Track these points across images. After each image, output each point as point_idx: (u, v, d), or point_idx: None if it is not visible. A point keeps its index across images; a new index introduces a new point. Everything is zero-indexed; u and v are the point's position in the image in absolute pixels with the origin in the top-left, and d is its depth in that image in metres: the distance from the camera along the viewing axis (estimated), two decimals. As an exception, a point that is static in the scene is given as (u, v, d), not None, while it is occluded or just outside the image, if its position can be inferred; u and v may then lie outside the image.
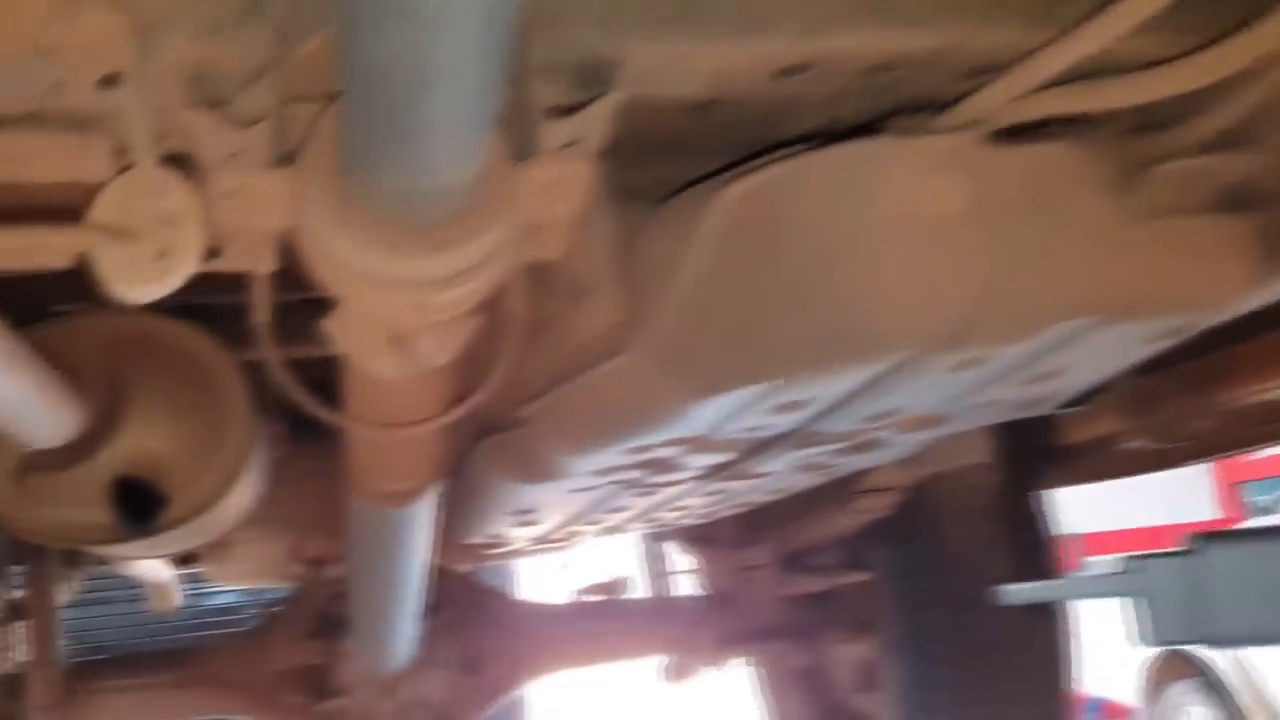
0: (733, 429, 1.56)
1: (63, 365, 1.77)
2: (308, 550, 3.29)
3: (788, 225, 1.32)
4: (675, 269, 1.37)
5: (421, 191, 1.10)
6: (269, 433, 2.44)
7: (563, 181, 1.31)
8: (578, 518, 2.39)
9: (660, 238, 1.43)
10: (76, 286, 1.23)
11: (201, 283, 1.23)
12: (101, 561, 3.87)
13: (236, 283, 1.39)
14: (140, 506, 2.13)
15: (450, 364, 1.44)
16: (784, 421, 1.55)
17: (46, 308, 2.05)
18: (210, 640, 3.47)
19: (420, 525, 1.99)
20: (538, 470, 1.82)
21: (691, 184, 1.46)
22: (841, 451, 1.86)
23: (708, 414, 1.46)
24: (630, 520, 2.56)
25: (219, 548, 3.45)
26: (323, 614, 3.00)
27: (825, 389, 1.41)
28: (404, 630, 2.45)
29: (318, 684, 2.98)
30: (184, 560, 4.31)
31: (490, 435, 1.98)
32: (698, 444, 1.63)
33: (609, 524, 2.58)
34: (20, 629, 2.97)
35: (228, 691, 3.04)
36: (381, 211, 1.13)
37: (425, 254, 1.16)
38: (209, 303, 2.15)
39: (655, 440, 1.59)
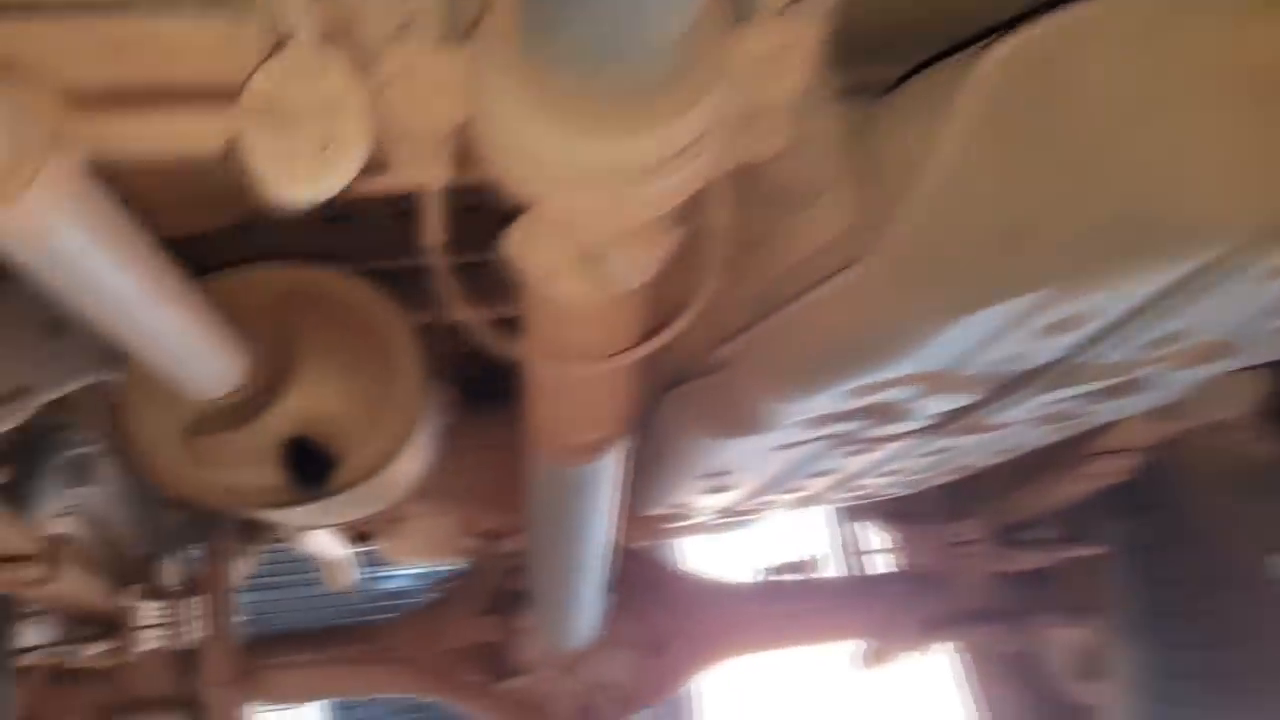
0: (984, 360, 1.30)
1: (233, 315, 1.64)
2: (481, 524, 3.16)
3: (1066, 92, 1.06)
4: (923, 159, 1.13)
5: (623, 56, 0.89)
6: (441, 398, 2.29)
7: (785, 52, 1.08)
8: (775, 483, 2.16)
9: (899, 126, 1.19)
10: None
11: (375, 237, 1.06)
12: (278, 538, 3.85)
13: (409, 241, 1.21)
14: (311, 469, 2.00)
15: (644, 289, 1.24)
16: (1049, 349, 1.29)
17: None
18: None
19: (607, 483, 1.80)
20: (739, 421, 1.60)
21: (921, 68, 1.21)
22: (1098, 395, 1.57)
23: (959, 338, 1.21)
24: (831, 489, 2.32)
25: (391, 523, 3.36)
26: (499, 589, 2.86)
27: (1110, 300, 1.15)
28: (588, 604, 2.27)
29: (495, 662, 2.84)
30: (357, 538, 4.27)
31: (681, 384, 1.76)
32: (938, 381, 1.38)
33: (806, 493, 2.34)
34: (196, 604, 2.92)
35: (403, 669, 2.93)
36: (576, 86, 0.92)
37: (627, 132, 0.95)
38: (383, 268, 2.01)
39: (888, 377, 1.35)
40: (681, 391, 1.73)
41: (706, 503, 2.34)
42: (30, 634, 2.81)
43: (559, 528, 1.94)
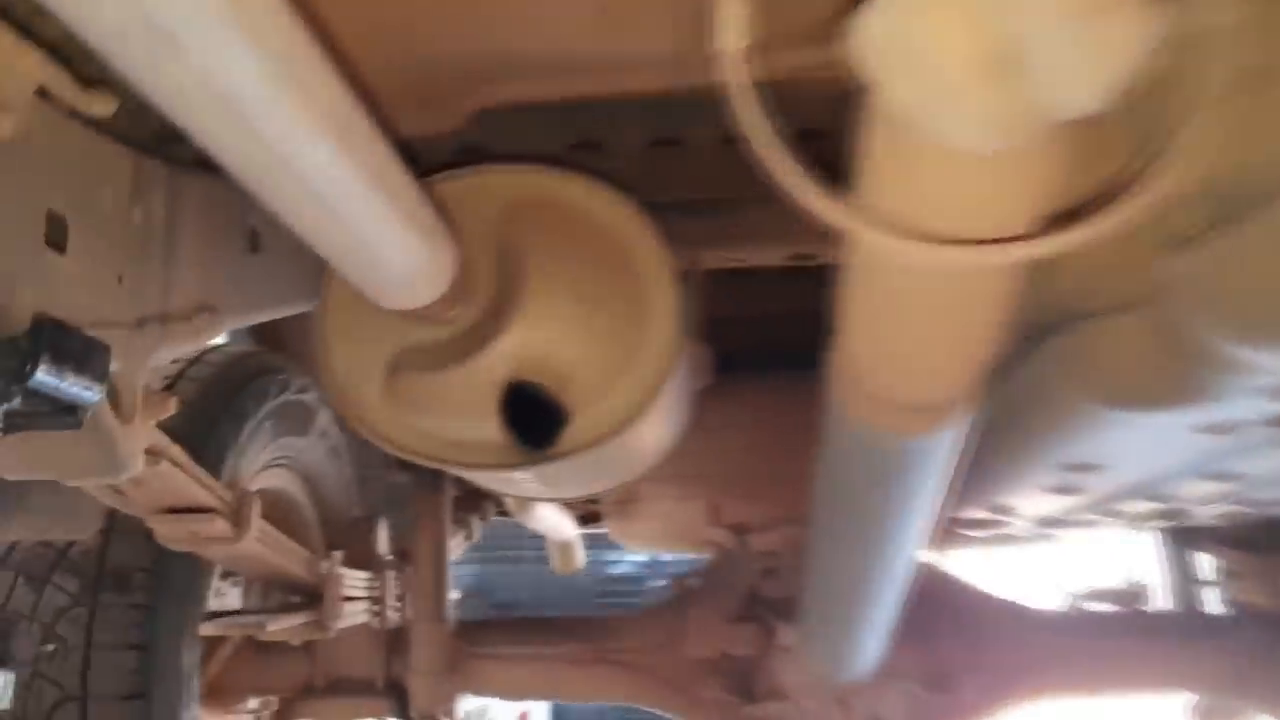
0: None
1: (453, 224, 1.33)
2: (730, 514, 2.69)
3: None
4: None
5: None
6: (695, 356, 1.83)
7: None
8: (1147, 487, 1.58)
9: None
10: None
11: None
12: (501, 510, 3.50)
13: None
14: (534, 423, 1.58)
15: (1073, 137, 0.74)
16: None
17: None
18: (611, 611, 2.96)
19: (936, 468, 1.28)
20: (1173, 383, 1.05)
21: None
22: None
23: None
24: (1207, 501, 1.71)
25: (623, 503, 2.94)
26: (752, 593, 2.38)
27: None
28: (875, 626, 1.76)
29: (744, 680, 2.36)
30: (586, 519, 3.89)
31: (1061, 329, 1.22)
32: None
33: (1170, 505, 1.75)
34: (408, 578, 2.58)
35: (633, 675, 2.49)
36: None
37: None
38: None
39: None
40: (1064, 341, 1.19)
41: (1039, 507, 1.78)
42: (227, 599, 2.54)
43: (859, 522, 1.43)
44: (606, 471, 1.84)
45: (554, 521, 3.71)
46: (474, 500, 3.31)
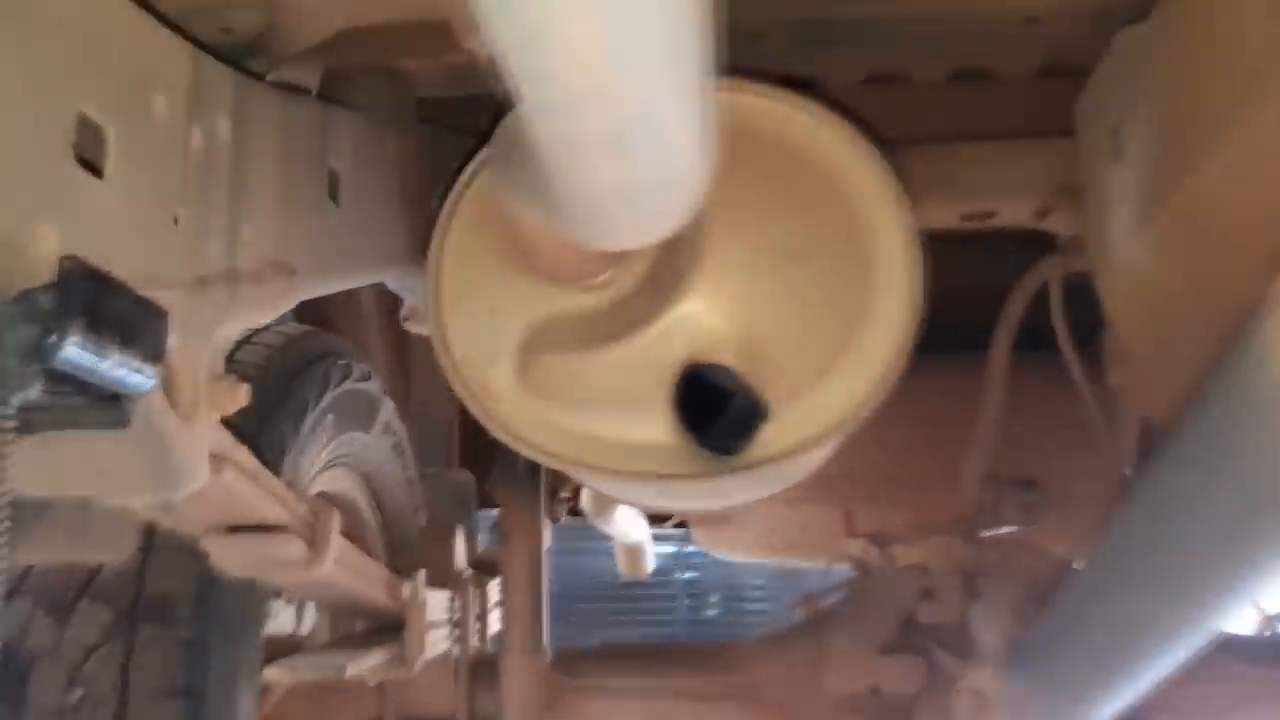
0: None
1: None
2: (863, 522, 2.31)
3: None
4: None
5: None
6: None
7: None
8: None
9: None
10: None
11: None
12: (574, 510, 3.12)
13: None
14: (720, 419, 1.20)
15: None
16: None
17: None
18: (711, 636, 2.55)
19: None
20: None
21: None
22: None
23: None
24: None
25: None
26: (908, 619, 2.00)
27: None
28: (1138, 688, 1.36)
29: (898, 723, 1.98)
30: (657, 518, 3.51)
31: None
32: None
33: None
34: (492, 596, 2.20)
35: (762, 712, 2.11)
36: None
37: None
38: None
39: None
40: None
41: None
42: (280, 619, 2.16)
43: (1200, 559, 1.04)
44: (784, 480, 1.46)
45: (628, 524, 3.33)
46: (546, 500, 2.93)
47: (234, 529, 1.37)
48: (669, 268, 1.16)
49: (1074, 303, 2.06)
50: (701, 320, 1.16)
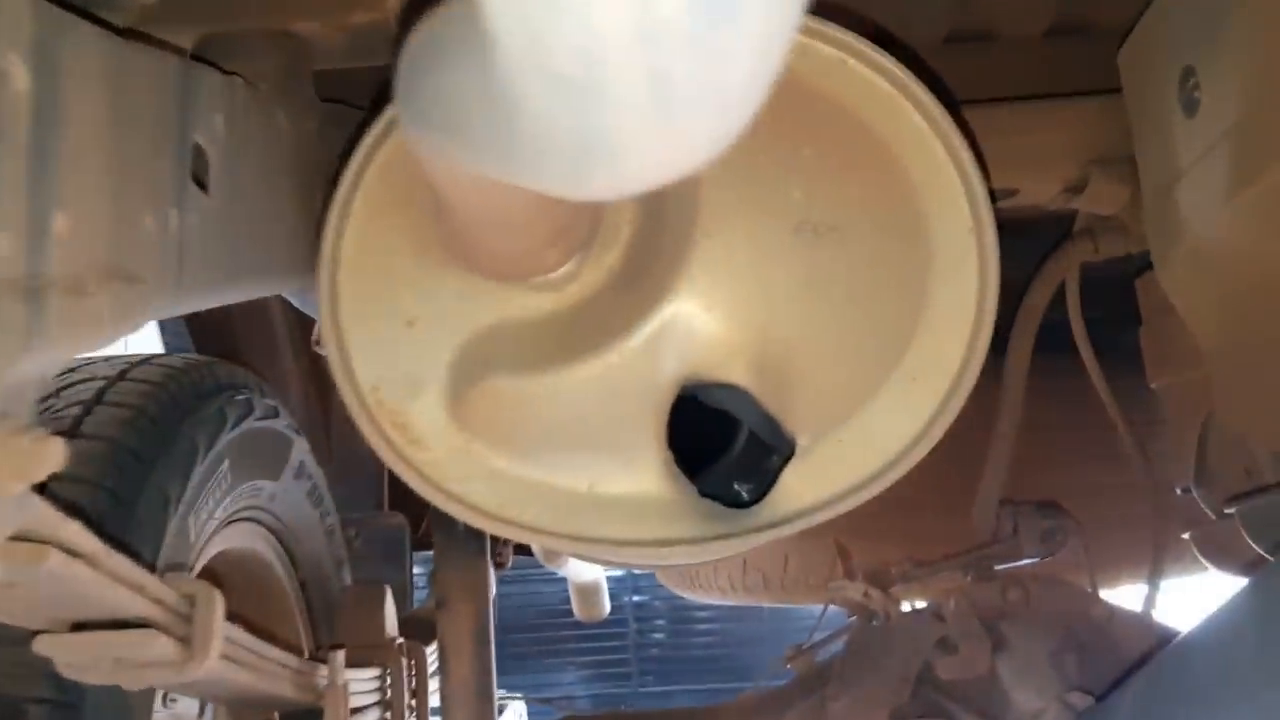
0: None
1: None
2: (857, 557, 2.02)
3: None
4: None
5: None
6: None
7: None
8: None
9: None
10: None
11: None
12: (522, 550, 2.78)
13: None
14: (722, 459, 0.89)
15: None
16: None
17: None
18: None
19: None
20: None
21: None
22: None
23: None
24: None
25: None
26: (923, 675, 1.70)
27: None
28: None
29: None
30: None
31: None
32: None
33: None
34: (424, 665, 1.86)
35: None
36: None
37: None
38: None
39: None
40: None
41: None
42: (178, 707, 1.80)
43: None
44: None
45: (583, 565, 3.01)
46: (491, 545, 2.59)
47: (79, 626, 1.04)
48: (653, 252, 0.85)
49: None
50: (699, 325, 0.85)
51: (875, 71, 0.87)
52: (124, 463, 1.48)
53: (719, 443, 0.87)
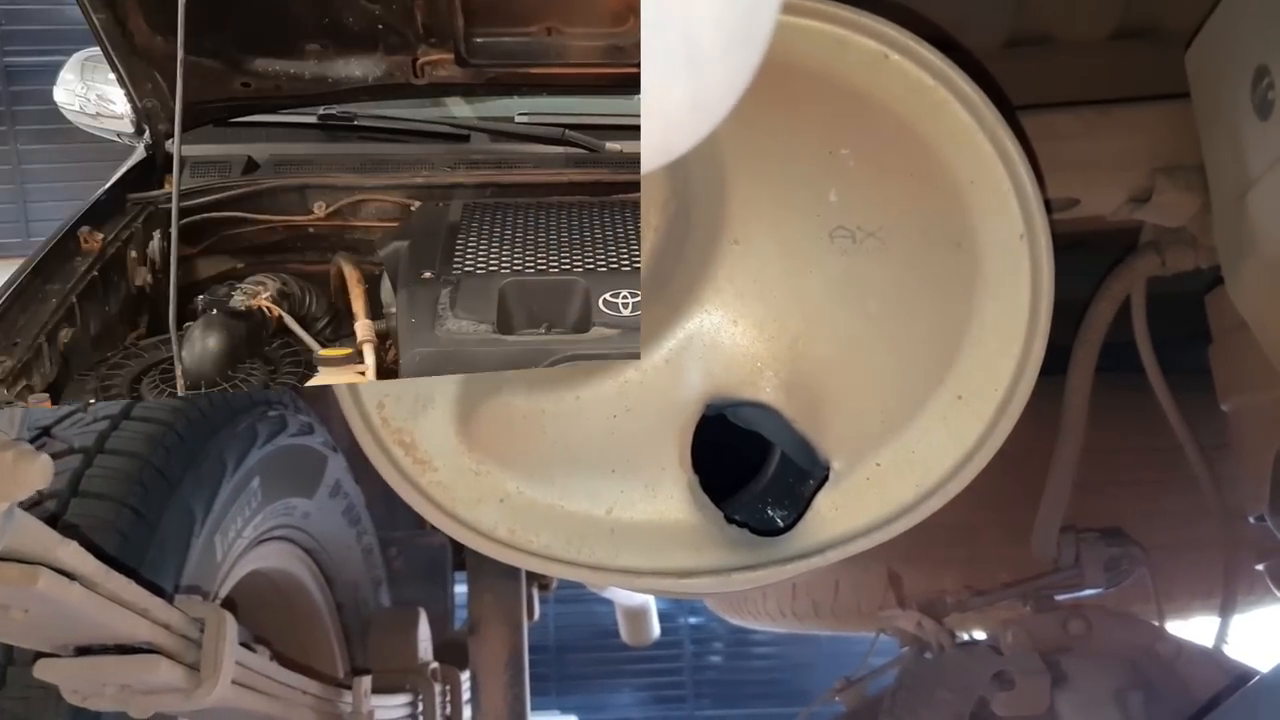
0: None
1: None
2: (910, 584, 1.93)
3: None
4: None
5: None
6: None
7: None
8: None
9: None
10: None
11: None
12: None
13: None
14: (751, 484, 0.82)
15: None
16: None
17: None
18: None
19: None
20: None
21: None
22: None
23: None
24: None
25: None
26: (980, 712, 1.61)
27: None
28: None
29: None
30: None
31: None
32: None
33: None
34: (459, 691, 1.81)
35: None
36: None
37: None
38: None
39: None
40: None
41: None
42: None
43: None
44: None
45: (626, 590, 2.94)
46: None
47: (83, 650, 1.00)
48: (677, 261, 0.79)
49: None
50: (725, 339, 0.79)
51: (919, 65, 0.81)
52: (149, 479, 1.45)
53: (747, 466, 0.81)
